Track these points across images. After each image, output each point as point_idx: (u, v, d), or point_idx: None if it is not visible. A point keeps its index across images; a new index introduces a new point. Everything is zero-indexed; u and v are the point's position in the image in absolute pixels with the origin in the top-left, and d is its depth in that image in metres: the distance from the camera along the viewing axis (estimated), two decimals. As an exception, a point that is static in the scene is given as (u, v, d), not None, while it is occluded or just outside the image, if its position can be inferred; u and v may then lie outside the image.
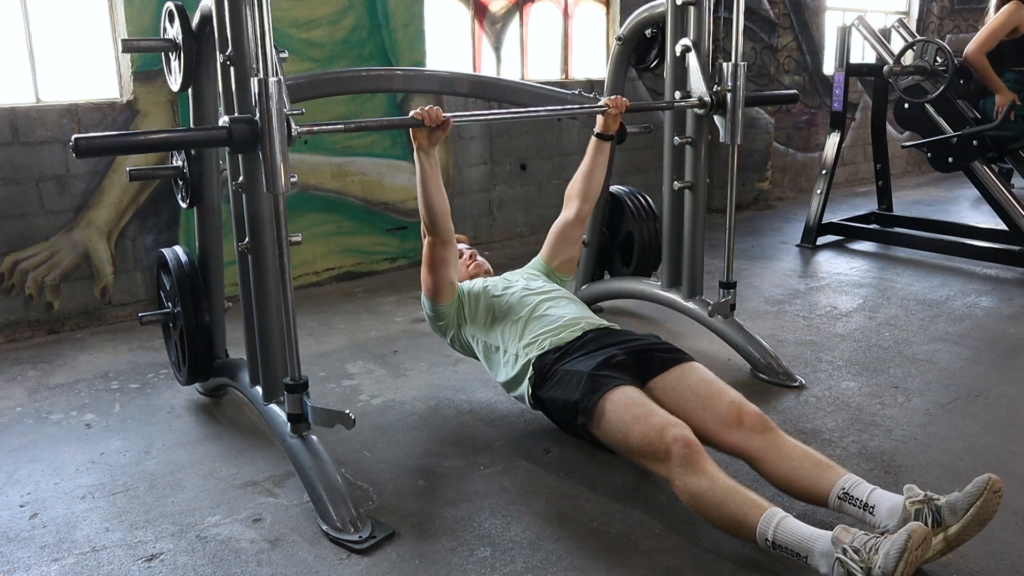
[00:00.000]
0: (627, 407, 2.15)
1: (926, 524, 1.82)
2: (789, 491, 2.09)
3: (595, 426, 2.22)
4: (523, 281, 2.81)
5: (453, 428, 2.78)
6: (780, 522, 1.85)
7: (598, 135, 2.91)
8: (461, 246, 3.02)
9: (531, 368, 2.45)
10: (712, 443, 2.18)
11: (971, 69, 4.71)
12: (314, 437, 2.31)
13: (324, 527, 2.15)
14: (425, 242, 2.59)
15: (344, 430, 2.17)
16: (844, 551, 1.72)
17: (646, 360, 2.37)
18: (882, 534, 1.76)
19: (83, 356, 3.57)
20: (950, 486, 1.94)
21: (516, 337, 2.55)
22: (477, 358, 2.74)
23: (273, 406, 2.47)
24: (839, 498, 1.98)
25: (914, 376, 3.15)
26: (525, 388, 2.47)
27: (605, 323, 2.59)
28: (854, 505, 1.96)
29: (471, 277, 2.91)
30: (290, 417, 2.26)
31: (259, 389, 2.53)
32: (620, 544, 2.09)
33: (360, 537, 2.10)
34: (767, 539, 1.85)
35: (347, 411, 2.14)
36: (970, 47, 4.69)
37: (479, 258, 3.04)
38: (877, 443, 2.59)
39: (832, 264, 4.97)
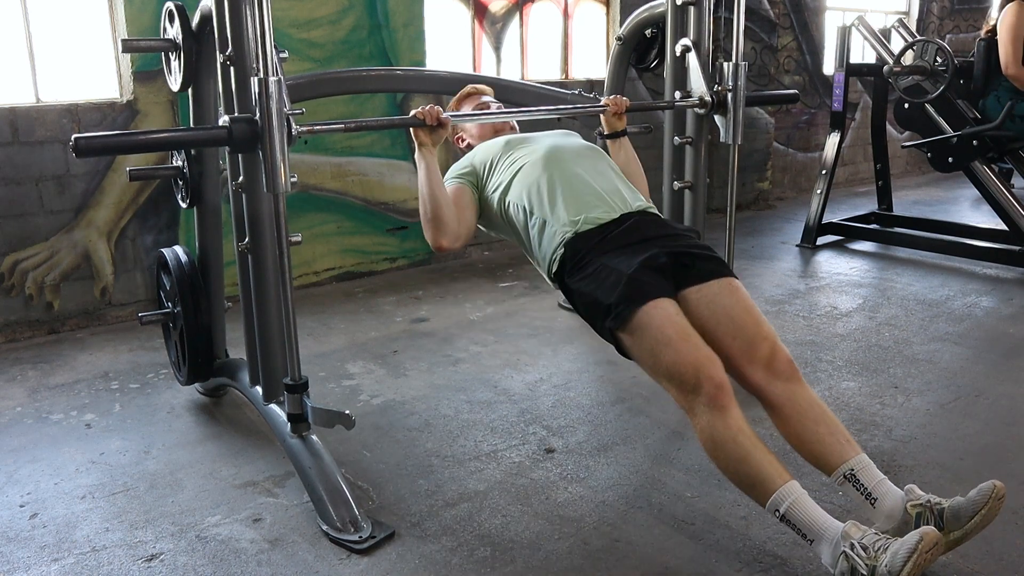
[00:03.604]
0: (662, 327, 1.99)
1: None
2: (797, 449, 2.02)
3: (625, 334, 2.05)
4: (555, 137, 2.55)
5: (453, 428, 2.78)
6: (796, 499, 1.82)
7: (606, 136, 2.83)
8: (486, 98, 2.84)
9: (562, 247, 2.23)
10: (732, 372, 2.05)
11: (1017, 85, 4.61)
12: (314, 437, 2.31)
13: (324, 527, 2.15)
14: (435, 248, 2.41)
15: (344, 430, 2.17)
16: (852, 546, 1.71)
17: (685, 265, 2.16)
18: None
19: (83, 356, 3.57)
20: (950, 486, 1.94)
21: (544, 199, 2.30)
22: (496, 230, 2.55)
23: (273, 406, 2.47)
24: (845, 477, 1.93)
25: (914, 376, 3.15)
26: (549, 264, 2.28)
27: (644, 204, 2.37)
28: (858, 490, 1.92)
29: (496, 132, 2.70)
30: (290, 417, 2.26)
31: (259, 389, 2.53)
32: (620, 544, 2.09)
33: (360, 537, 2.10)
34: (778, 511, 1.82)
35: (347, 411, 2.14)
36: (1006, 65, 4.59)
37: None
38: (877, 443, 2.59)
39: (832, 264, 4.97)
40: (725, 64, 2.96)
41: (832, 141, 5.36)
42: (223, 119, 2.12)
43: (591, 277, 2.15)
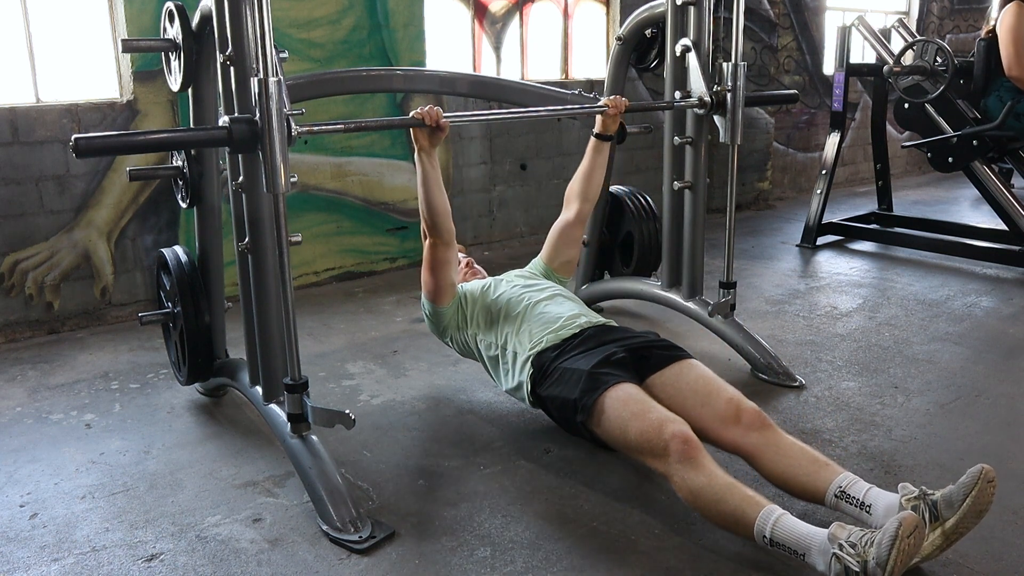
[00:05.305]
0: (625, 404, 2.16)
1: (923, 519, 1.82)
2: (786, 488, 2.10)
3: (594, 424, 2.23)
4: (521, 280, 2.83)
5: (453, 428, 2.78)
6: (778, 520, 1.85)
7: (597, 135, 2.92)
8: (460, 256, 3.04)
9: (530, 366, 2.45)
10: (710, 440, 2.19)
11: (1021, 87, 4.57)
12: (314, 437, 2.31)
13: (324, 527, 2.15)
14: (426, 244, 2.62)
15: (344, 430, 2.17)
16: (840, 547, 1.73)
17: (644, 357, 2.38)
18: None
19: (83, 356, 3.57)
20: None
21: (514, 334, 2.56)
22: (475, 358, 2.74)
23: (273, 406, 2.47)
24: (836, 496, 1.99)
25: (914, 376, 3.15)
26: (524, 386, 2.47)
27: (603, 320, 2.60)
28: (851, 504, 1.96)
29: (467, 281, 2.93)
30: (290, 417, 2.26)
31: (259, 389, 2.53)
32: (620, 544, 2.09)
33: (360, 537, 2.10)
34: (764, 536, 1.86)
35: (347, 411, 2.14)
36: (1010, 67, 4.55)
37: (476, 266, 3.07)
38: (877, 443, 2.59)
39: (832, 264, 4.97)
40: (725, 64, 2.96)
41: (832, 141, 5.36)
42: (223, 119, 2.12)
43: (556, 381, 2.37)
